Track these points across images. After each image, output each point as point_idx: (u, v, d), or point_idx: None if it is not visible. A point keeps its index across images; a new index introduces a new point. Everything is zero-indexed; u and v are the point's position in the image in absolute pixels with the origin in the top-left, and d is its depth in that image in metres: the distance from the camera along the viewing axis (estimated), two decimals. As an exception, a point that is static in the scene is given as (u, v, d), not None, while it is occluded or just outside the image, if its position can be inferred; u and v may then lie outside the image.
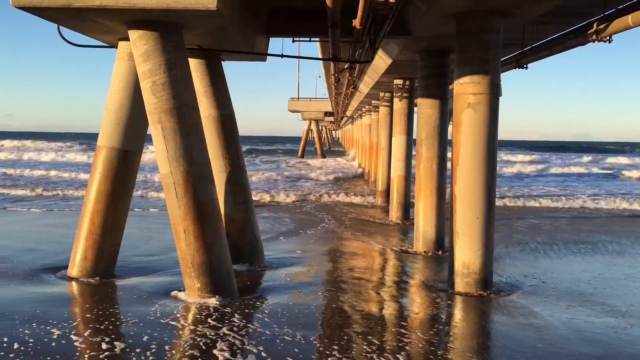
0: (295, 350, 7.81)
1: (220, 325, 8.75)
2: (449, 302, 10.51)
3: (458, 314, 9.95)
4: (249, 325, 8.85)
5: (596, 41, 10.63)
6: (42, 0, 8.55)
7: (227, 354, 7.59)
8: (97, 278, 11.40)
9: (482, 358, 7.82)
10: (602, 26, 10.32)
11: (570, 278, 12.43)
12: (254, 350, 7.78)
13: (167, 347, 7.83)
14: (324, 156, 73.85)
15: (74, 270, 11.55)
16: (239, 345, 7.94)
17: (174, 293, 10.38)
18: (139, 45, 9.58)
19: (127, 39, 10.22)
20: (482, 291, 10.72)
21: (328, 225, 19.97)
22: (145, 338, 8.15)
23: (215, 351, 7.70)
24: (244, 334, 8.40)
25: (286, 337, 8.28)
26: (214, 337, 8.21)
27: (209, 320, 8.96)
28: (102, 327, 8.65)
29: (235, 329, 8.61)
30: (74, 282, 11.28)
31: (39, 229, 18.12)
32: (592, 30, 10.56)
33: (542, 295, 10.93)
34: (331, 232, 18.62)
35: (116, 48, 11.50)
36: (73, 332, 8.35)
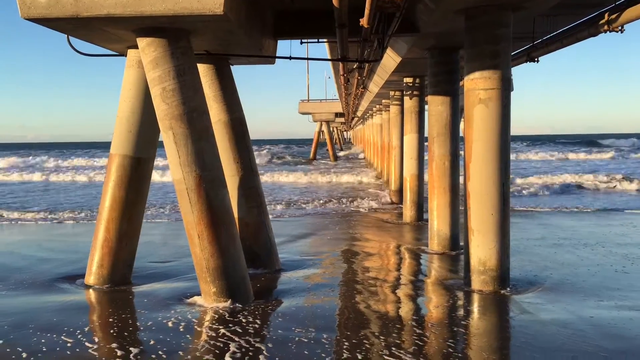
0: (312, 352, 7.77)
1: (235, 329, 8.74)
2: (466, 300, 10.41)
3: (475, 311, 9.85)
4: (264, 328, 8.83)
5: (608, 31, 10.48)
6: (50, 11, 8.61)
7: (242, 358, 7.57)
8: (113, 285, 11.46)
9: (501, 356, 7.73)
10: (613, 16, 10.16)
11: (589, 273, 12.26)
12: (269, 353, 7.75)
13: (181, 353, 7.83)
14: (336, 159, 73.88)
15: (90, 278, 11.62)
16: (254, 349, 7.92)
17: (189, 298, 10.41)
18: (147, 52, 9.62)
19: (135, 46, 10.27)
20: (500, 288, 10.60)
21: (342, 227, 19.92)
22: (160, 344, 8.17)
23: (228, 354, 7.69)
24: (260, 338, 8.38)
25: (302, 339, 8.25)
26: (229, 342, 8.20)
27: (224, 324, 8.96)
28: (117, 333, 8.69)
29: (250, 332, 8.59)
30: (91, 290, 11.35)
31: (56, 238, 18.30)
32: (603, 21, 10.42)
33: (562, 291, 10.78)
34: (345, 233, 18.56)
35: (125, 56, 11.57)
36: (88, 339, 8.40)
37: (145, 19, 8.80)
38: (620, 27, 10.19)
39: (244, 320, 9.17)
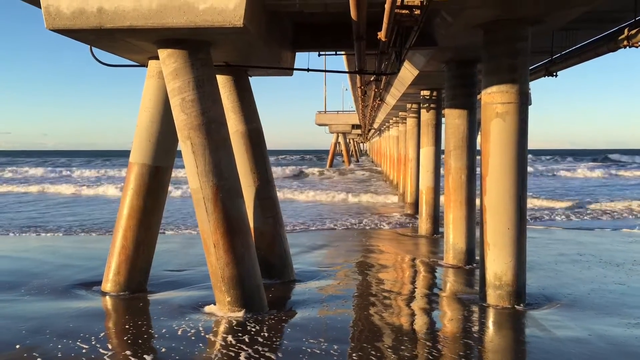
0: (325, 364, 7.76)
1: (249, 339, 8.76)
2: (481, 314, 10.32)
3: (490, 327, 9.76)
4: (276, 339, 8.85)
5: (628, 47, 10.39)
6: (74, 22, 8.82)
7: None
8: (129, 292, 11.57)
9: (516, 372, 7.64)
10: (633, 31, 10.08)
11: (606, 290, 12.07)
12: (284, 364, 7.77)
13: (197, 361, 7.88)
14: (350, 163, 74.82)
15: (107, 285, 11.75)
16: (265, 359, 7.92)
17: (204, 307, 10.46)
18: (168, 63, 9.78)
19: (156, 57, 10.46)
20: (515, 303, 10.49)
21: (357, 239, 19.88)
22: (174, 352, 8.23)
23: (245, 365, 7.72)
24: (272, 348, 8.39)
25: (315, 350, 8.25)
26: (240, 351, 8.23)
27: (238, 334, 8.99)
28: (132, 340, 8.76)
29: (262, 342, 8.61)
30: (107, 297, 11.47)
31: (75, 245, 18.53)
32: (623, 36, 10.33)
33: (579, 307, 10.63)
34: (360, 245, 18.53)
35: (146, 67, 11.77)
36: (103, 346, 8.48)
37: (166, 30, 8.96)
38: (640, 43, 10.11)
39: (256, 329, 9.19)
